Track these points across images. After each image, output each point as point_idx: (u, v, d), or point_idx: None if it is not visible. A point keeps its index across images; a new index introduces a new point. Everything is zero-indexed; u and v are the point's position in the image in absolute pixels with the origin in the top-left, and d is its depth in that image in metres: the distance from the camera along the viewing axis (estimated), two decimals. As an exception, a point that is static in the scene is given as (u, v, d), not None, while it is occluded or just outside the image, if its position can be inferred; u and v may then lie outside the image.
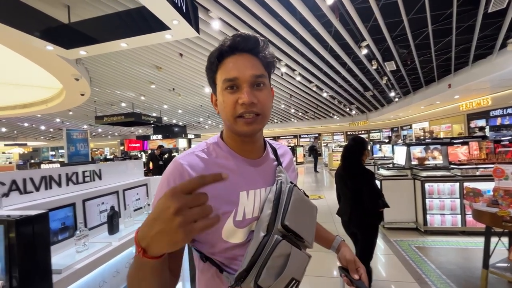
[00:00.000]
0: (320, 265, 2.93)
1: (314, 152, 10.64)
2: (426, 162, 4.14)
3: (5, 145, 20.20)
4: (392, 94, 11.06)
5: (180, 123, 19.00)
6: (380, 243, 3.48)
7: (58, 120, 15.43)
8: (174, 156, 7.44)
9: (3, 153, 21.97)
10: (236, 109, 0.61)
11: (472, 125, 10.89)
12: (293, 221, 0.62)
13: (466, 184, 3.54)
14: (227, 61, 0.63)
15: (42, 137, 23.48)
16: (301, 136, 21.84)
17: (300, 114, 17.02)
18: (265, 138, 0.79)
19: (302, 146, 18.28)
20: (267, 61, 0.66)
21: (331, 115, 17.70)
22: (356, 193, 2.15)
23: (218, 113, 0.69)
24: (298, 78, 8.47)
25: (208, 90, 9.71)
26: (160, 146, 7.90)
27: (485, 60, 7.03)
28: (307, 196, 0.72)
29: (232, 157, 0.68)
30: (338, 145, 13.51)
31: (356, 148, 2.22)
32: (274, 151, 0.80)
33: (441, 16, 5.18)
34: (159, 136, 17.29)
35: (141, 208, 1.99)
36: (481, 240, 3.33)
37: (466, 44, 6.34)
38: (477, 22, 5.13)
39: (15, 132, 19.45)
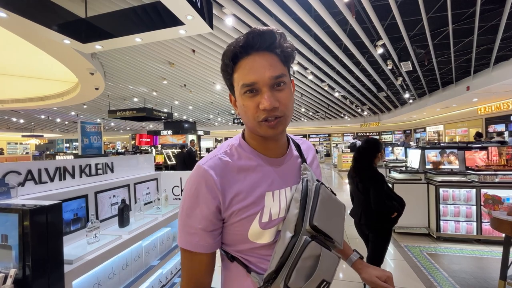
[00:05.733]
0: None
1: None
2: (442, 167, 4.00)
3: (23, 136, 20.93)
4: (407, 95, 10.76)
5: (190, 119, 19.16)
6: (390, 248, 3.39)
7: (73, 113, 15.87)
8: (190, 150, 7.29)
9: (21, 143, 22.85)
10: (258, 113, 0.59)
11: (491, 129, 10.48)
12: (322, 221, 0.60)
13: (483, 190, 3.41)
14: (243, 63, 0.59)
15: (57, 129, 24.23)
16: (311, 136, 21.65)
17: (310, 113, 16.84)
18: (288, 134, 0.76)
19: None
20: (285, 55, 0.61)
21: (342, 115, 17.43)
22: (366, 195, 2.12)
23: (238, 114, 0.67)
24: (310, 77, 8.35)
25: (219, 87, 9.75)
26: (191, 141, 7.93)
27: (507, 62, 6.72)
28: (335, 194, 0.69)
29: (255, 157, 0.66)
30: (349, 146, 13.28)
31: (367, 150, 2.18)
32: (298, 147, 0.77)
33: (463, 15, 4.97)
34: (169, 132, 17.50)
35: (151, 202, 2.00)
36: (497, 249, 3.21)
37: (488, 45, 6.07)
38: (502, 22, 4.91)
39: (32, 123, 20.13)
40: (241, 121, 14.51)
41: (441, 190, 3.62)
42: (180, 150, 7.40)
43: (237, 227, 0.61)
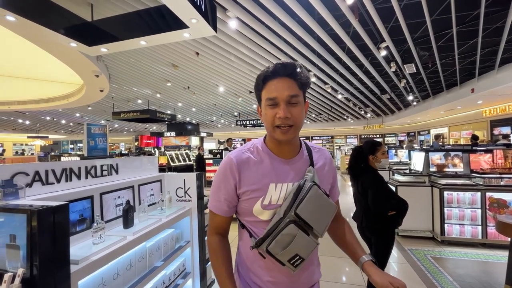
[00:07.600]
0: (342, 271, 2.87)
1: None
2: (446, 169, 3.97)
3: (28, 137, 21.18)
4: (410, 97, 10.70)
5: (194, 121, 19.24)
6: (393, 251, 3.36)
7: (77, 114, 16.03)
8: (200, 154, 7.52)
9: (26, 144, 23.13)
10: (274, 121, 0.81)
11: (496, 132, 10.36)
12: (305, 212, 0.80)
13: (489, 194, 3.38)
14: (270, 83, 0.82)
15: (62, 131, 24.47)
16: (314, 138, 21.59)
17: (313, 115, 16.82)
18: (305, 141, 0.98)
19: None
20: (302, 82, 0.83)
21: (345, 117, 17.37)
22: (366, 197, 2.11)
23: (262, 121, 0.88)
24: (313, 79, 8.35)
25: (222, 89, 9.87)
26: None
27: (513, 64, 6.67)
28: (327, 196, 0.86)
29: (269, 156, 0.89)
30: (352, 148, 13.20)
31: (360, 151, 2.20)
32: (310, 153, 0.95)
33: (467, 17, 4.94)
34: (173, 133, 17.58)
35: (155, 203, 2.01)
36: (503, 253, 3.17)
37: (493, 47, 6.03)
38: (507, 24, 4.87)
39: (38, 125, 20.35)
40: (244, 123, 14.68)
41: (445, 193, 3.59)
42: (198, 151, 7.82)
43: (246, 203, 0.87)
